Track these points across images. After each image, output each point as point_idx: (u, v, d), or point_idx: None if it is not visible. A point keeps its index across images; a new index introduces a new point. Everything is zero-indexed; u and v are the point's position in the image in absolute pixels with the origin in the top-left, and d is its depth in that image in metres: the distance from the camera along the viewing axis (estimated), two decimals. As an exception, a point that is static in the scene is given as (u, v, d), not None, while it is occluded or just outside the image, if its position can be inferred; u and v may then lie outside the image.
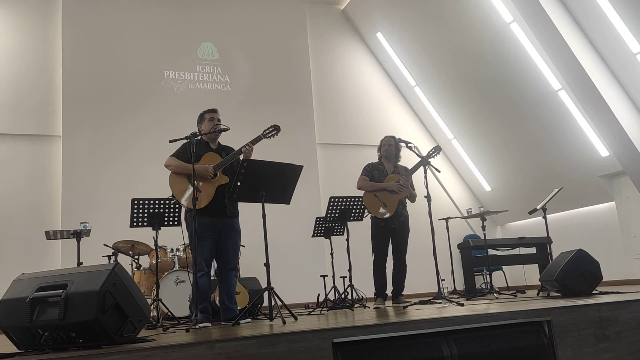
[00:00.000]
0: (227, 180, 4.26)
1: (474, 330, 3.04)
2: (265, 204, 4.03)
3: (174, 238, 5.66)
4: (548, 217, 6.09)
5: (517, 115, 8.18)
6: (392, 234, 5.51)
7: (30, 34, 7.81)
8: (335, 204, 5.69)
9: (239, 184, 3.91)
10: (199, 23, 8.62)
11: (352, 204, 5.68)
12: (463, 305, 4.26)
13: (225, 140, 4.58)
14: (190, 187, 4.15)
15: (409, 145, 5.10)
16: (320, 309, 5.50)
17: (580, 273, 4.64)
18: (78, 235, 5.50)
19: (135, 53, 8.18)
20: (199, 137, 4.25)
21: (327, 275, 6.33)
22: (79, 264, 5.30)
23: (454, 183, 9.87)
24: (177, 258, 6.31)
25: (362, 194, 5.56)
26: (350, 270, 5.56)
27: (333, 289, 6.10)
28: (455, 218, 8.05)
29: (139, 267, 6.16)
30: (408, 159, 5.77)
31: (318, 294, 6.60)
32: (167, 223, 4.90)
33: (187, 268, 6.02)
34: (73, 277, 2.71)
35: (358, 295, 6.04)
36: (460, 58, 8.42)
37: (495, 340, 3.04)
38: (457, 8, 7.92)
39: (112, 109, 7.87)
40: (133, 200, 4.83)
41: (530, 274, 8.32)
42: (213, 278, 4.80)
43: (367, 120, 9.42)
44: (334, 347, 2.68)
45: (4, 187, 7.28)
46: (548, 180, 8.05)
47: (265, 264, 3.95)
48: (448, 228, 7.46)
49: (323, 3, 9.64)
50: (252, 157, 4.23)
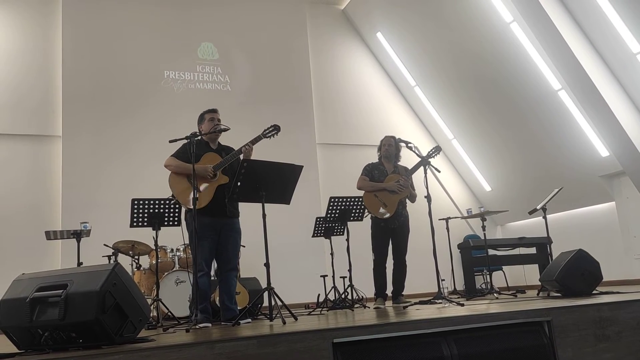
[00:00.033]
0: (226, 180, 4.26)
1: (474, 331, 3.04)
2: (265, 204, 4.02)
3: (174, 238, 5.66)
4: (548, 217, 6.09)
5: (517, 115, 8.18)
6: (392, 234, 5.51)
7: (30, 34, 7.81)
8: (336, 204, 5.69)
9: (239, 184, 3.91)
10: (199, 23, 8.62)
11: (352, 204, 5.68)
12: (463, 306, 4.27)
13: (226, 141, 4.58)
14: (190, 186, 4.16)
15: (409, 146, 5.10)
16: (321, 309, 5.50)
17: (581, 273, 4.64)
18: (78, 236, 5.50)
19: (136, 53, 8.18)
20: (199, 137, 4.26)
21: (327, 276, 6.33)
22: (79, 264, 5.30)
23: (454, 183, 9.87)
24: (177, 258, 6.31)
25: (362, 194, 5.56)
26: (350, 271, 5.56)
27: (333, 289, 6.10)
28: (456, 218, 8.05)
29: (139, 267, 6.17)
30: (408, 159, 5.77)
31: (318, 294, 6.60)
32: (167, 223, 4.91)
33: (187, 268, 6.03)
34: (73, 277, 2.71)
35: (358, 296, 6.03)
36: (460, 58, 8.42)
37: (496, 341, 3.04)
38: (457, 8, 7.92)
39: (112, 109, 7.87)
40: (133, 201, 4.83)
41: (531, 274, 8.32)
42: (213, 278, 4.80)
43: (367, 120, 9.42)
44: (334, 347, 2.68)
45: (4, 187, 7.29)
46: (548, 180, 8.05)
47: (265, 264, 3.95)
48: (448, 228, 7.46)
49: (323, 3, 9.64)
50: (252, 157, 4.23)
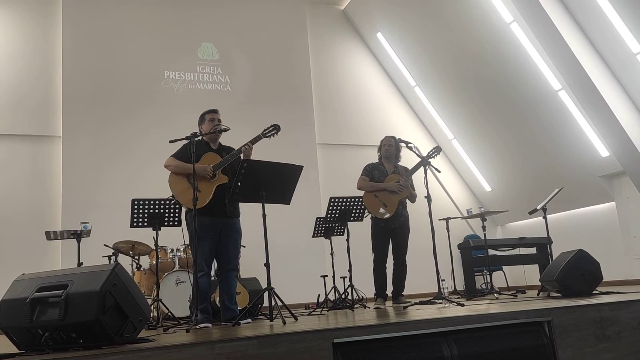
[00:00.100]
0: (226, 180, 4.26)
1: (474, 331, 3.04)
2: (266, 204, 4.03)
3: (174, 238, 5.66)
4: (548, 217, 6.09)
5: (517, 116, 8.18)
6: (392, 234, 5.51)
7: (31, 35, 7.81)
8: (336, 204, 5.69)
9: (240, 184, 3.91)
10: (199, 23, 8.62)
11: (352, 204, 5.68)
12: (463, 306, 4.27)
13: (226, 141, 4.58)
14: (190, 186, 4.16)
15: (409, 146, 5.11)
16: (321, 309, 5.49)
17: (581, 273, 4.64)
18: (78, 236, 5.50)
19: (136, 53, 8.18)
20: (199, 137, 4.26)
21: (327, 276, 6.33)
22: (79, 265, 5.30)
23: (454, 183, 9.87)
24: (177, 258, 6.31)
25: (362, 194, 5.56)
26: (351, 271, 5.56)
27: (333, 289, 6.10)
28: (456, 218, 8.05)
29: (139, 267, 6.17)
30: (408, 159, 5.77)
31: (318, 294, 6.60)
32: (167, 223, 4.91)
33: (187, 268, 6.03)
34: (73, 277, 2.72)
35: (358, 296, 6.03)
36: (461, 58, 8.42)
37: (496, 341, 3.04)
38: (457, 8, 7.92)
39: (112, 110, 7.87)
40: (133, 201, 4.83)
41: (531, 274, 8.32)
42: (213, 278, 4.80)
43: (367, 121, 9.42)
44: (335, 347, 2.68)
45: (5, 187, 7.29)
46: (548, 181, 8.05)
47: (266, 264, 3.95)
48: (448, 228, 7.46)
49: (323, 3, 9.64)
50: (251, 156, 4.23)
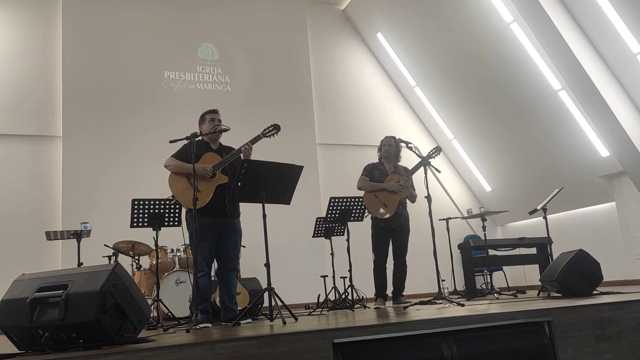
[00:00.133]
0: (226, 180, 4.26)
1: (475, 331, 3.04)
2: (266, 204, 4.03)
3: (174, 238, 5.66)
4: (548, 217, 6.09)
5: (517, 116, 8.18)
6: (392, 234, 5.51)
7: (31, 35, 7.81)
8: (336, 205, 5.69)
9: (240, 184, 3.91)
10: (199, 23, 8.63)
11: (352, 205, 5.68)
12: (463, 306, 4.27)
13: (226, 141, 4.58)
14: (190, 186, 4.16)
15: (409, 146, 5.11)
16: (321, 310, 5.49)
17: (581, 273, 4.63)
18: (78, 236, 5.50)
19: (136, 53, 8.18)
20: (199, 137, 4.26)
21: (327, 276, 6.33)
22: (80, 265, 5.30)
23: (454, 183, 9.87)
24: (177, 258, 6.31)
25: (362, 195, 5.56)
26: (351, 271, 5.56)
27: (333, 290, 6.10)
28: (456, 218, 8.05)
29: (140, 267, 6.17)
30: (408, 159, 5.77)
31: (318, 295, 6.60)
32: (167, 223, 4.91)
33: (187, 268, 6.03)
34: (73, 277, 2.72)
35: (358, 296, 6.03)
36: (461, 58, 8.42)
37: (496, 341, 3.04)
38: (457, 8, 7.92)
39: (112, 110, 7.87)
40: (133, 201, 4.83)
41: (531, 274, 8.32)
42: (213, 278, 4.80)
43: (367, 121, 9.42)
44: (335, 347, 2.68)
45: (5, 187, 7.29)
46: (548, 181, 8.05)
47: (266, 265, 3.95)
48: (448, 228, 7.46)
49: (323, 3, 9.64)
50: (251, 156, 4.23)
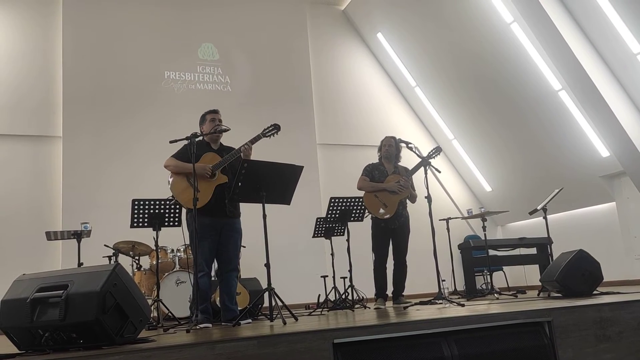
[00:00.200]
0: (226, 180, 4.25)
1: (475, 331, 3.04)
2: (266, 205, 4.03)
3: (175, 238, 5.65)
4: (548, 217, 6.09)
5: (517, 116, 8.18)
6: (392, 235, 5.51)
7: (31, 35, 7.81)
8: (336, 205, 5.69)
9: (240, 184, 3.91)
10: (199, 23, 8.63)
11: (352, 205, 5.68)
12: (464, 306, 4.27)
13: (226, 141, 4.58)
14: (189, 186, 4.16)
15: (410, 146, 5.11)
16: (321, 310, 5.49)
17: (581, 273, 4.63)
18: (78, 236, 5.50)
19: (136, 54, 8.18)
20: (200, 137, 4.26)
21: (327, 276, 6.33)
22: (80, 265, 5.30)
23: (455, 183, 9.87)
24: (177, 258, 6.31)
25: (362, 195, 5.56)
26: (351, 271, 5.56)
27: (333, 290, 6.10)
28: (456, 218, 8.05)
29: (140, 267, 6.17)
30: (408, 160, 5.77)
31: (318, 295, 6.60)
32: (167, 223, 4.91)
33: (187, 268, 6.03)
34: (74, 277, 2.72)
35: (358, 296, 6.04)
36: (461, 58, 8.42)
37: (496, 341, 3.04)
38: (457, 8, 7.92)
39: (112, 110, 7.87)
40: (133, 201, 4.84)
41: (531, 275, 8.32)
42: (214, 278, 4.80)
43: (367, 121, 9.42)
44: (335, 347, 2.68)
45: (5, 187, 7.29)
46: (548, 181, 8.04)
47: (266, 265, 3.95)
48: (448, 228, 7.46)
49: (323, 3, 9.64)
50: (251, 156, 4.23)
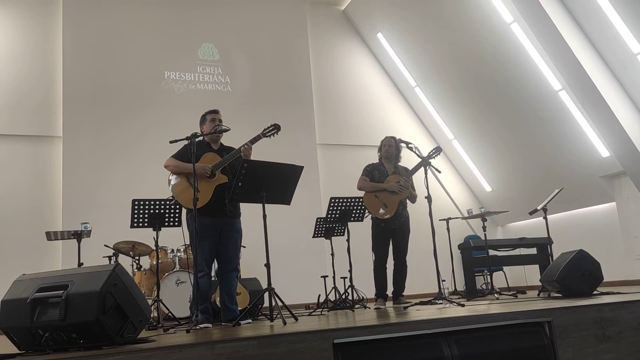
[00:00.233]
0: (225, 180, 4.25)
1: (475, 331, 3.04)
2: (266, 205, 4.03)
3: (175, 239, 5.65)
4: (549, 217, 6.09)
5: (517, 116, 8.18)
6: (392, 235, 5.51)
7: (31, 35, 7.81)
8: (336, 205, 5.69)
9: (240, 184, 3.91)
10: (200, 24, 8.63)
11: (352, 205, 5.68)
12: (464, 306, 4.27)
13: (227, 141, 4.58)
14: (188, 186, 4.15)
15: (410, 146, 5.11)
16: (321, 310, 5.50)
17: (581, 274, 4.63)
18: (79, 236, 5.50)
19: (136, 54, 8.19)
20: (200, 137, 4.26)
21: (327, 276, 6.33)
22: (80, 265, 5.30)
23: (455, 183, 9.87)
24: (177, 259, 6.31)
25: (362, 195, 5.56)
26: (351, 271, 5.57)
27: (334, 290, 6.10)
28: (456, 218, 8.05)
29: (140, 267, 6.17)
30: (408, 160, 5.76)
31: (319, 295, 6.60)
32: (167, 224, 4.91)
33: (187, 269, 6.03)
34: (74, 277, 2.72)
35: (359, 296, 6.04)
36: (461, 58, 8.42)
37: (496, 341, 3.04)
38: (457, 8, 7.92)
39: (112, 110, 7.87)
40: (133, 201, 4.84)
41: (531, 275, 8.32)
42: (214, 279, 4.80)
43: (367, 121, 9.42)
44: (335, 347, 2.68)
45: (5, 187, 7.29)
46: (549, 181, 8.04)
47: (266, 265, 3.95)
48: (449, 228, 7.46)
49: (323, 4, 9.64)
50: (251, 156, 4.23)
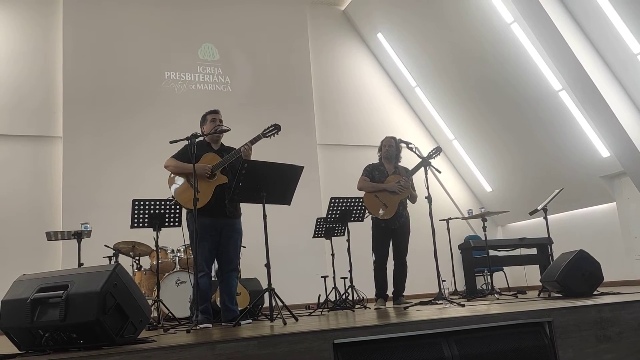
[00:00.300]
0: (225, 180, 4.25)
1: (475, 331, 3.04)
2: (266, 205, 4.03)
3: (175, 239, 5.65)
4: (549, 217, 6.09)
5: (517, 116, 8.18)
6: (392, 235, 5.51)
7: (31, 35, 7.81)
8: (336, 205, 5.69)
9: (240, 185, 3.91)
10: (200, 24, 8.63)
11: (352, 205, 5.68)
12: (464, 306, 4.27)
13: (227, 141, 4.58)
14: (188, 187, 4.15)
15: (410, 146, 5.11)
16: (321, 310, 5.49)
17: (581, 274, 4.63)
18: (79, 236, 5.50)
19: (136, 54, 8.19)
20: (200, 137, 4.26)
21: (327, 276, 6.33)
22: (80, 265, 5.30)
23: (455, 184, 9.87)
24: (177, 259, 6.32)
25: (362, 195, 5.56)
26: (351, 271, 5.56)
27: (334, 290, 6.10)
28: (456, 219, 8.05)
29: (140, 268, 6.16)
30: (409, 160, 5.76)
31: (319, 295, 6.59)
32: (167, 224, 4.91)
33: (187, 269, 6.03)
34: (74, 278, 2.72)
35: (359, 296, 6.04)
36: (461, 59, 8.41)
37: (496, 341, 3.04)
38: (457, 9, 7.92)
39: (112, 110, 7.88)
40: (134, 201, 4.83)
41: (531, 275, 8.31)
42: (214, 279, 4.80)
43: (367, 121, 9.42)
44: (335, 348, 2.68)
45: (5, 188, 7.29)
46: (549, 181, 8.04)
47: (266, 265, 3.95)
48: (449, 229, 7.45)
49: (323, 4, 9.64)
50: (251, 157, 4.23)
